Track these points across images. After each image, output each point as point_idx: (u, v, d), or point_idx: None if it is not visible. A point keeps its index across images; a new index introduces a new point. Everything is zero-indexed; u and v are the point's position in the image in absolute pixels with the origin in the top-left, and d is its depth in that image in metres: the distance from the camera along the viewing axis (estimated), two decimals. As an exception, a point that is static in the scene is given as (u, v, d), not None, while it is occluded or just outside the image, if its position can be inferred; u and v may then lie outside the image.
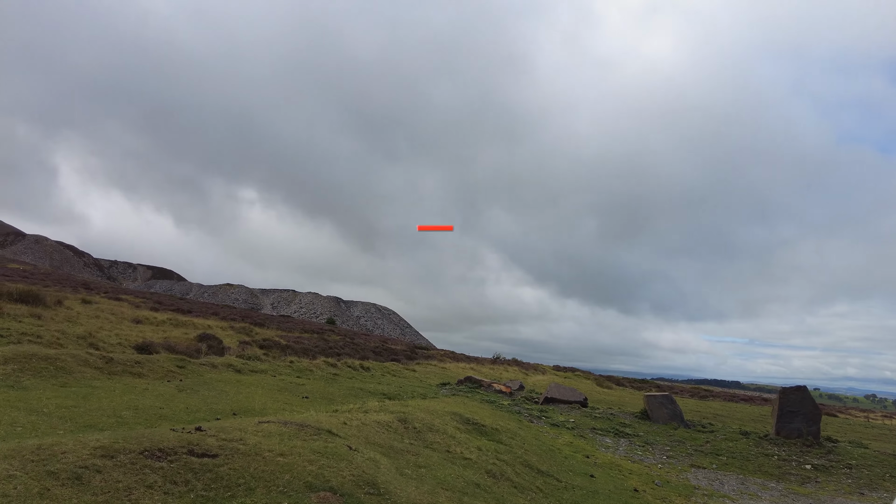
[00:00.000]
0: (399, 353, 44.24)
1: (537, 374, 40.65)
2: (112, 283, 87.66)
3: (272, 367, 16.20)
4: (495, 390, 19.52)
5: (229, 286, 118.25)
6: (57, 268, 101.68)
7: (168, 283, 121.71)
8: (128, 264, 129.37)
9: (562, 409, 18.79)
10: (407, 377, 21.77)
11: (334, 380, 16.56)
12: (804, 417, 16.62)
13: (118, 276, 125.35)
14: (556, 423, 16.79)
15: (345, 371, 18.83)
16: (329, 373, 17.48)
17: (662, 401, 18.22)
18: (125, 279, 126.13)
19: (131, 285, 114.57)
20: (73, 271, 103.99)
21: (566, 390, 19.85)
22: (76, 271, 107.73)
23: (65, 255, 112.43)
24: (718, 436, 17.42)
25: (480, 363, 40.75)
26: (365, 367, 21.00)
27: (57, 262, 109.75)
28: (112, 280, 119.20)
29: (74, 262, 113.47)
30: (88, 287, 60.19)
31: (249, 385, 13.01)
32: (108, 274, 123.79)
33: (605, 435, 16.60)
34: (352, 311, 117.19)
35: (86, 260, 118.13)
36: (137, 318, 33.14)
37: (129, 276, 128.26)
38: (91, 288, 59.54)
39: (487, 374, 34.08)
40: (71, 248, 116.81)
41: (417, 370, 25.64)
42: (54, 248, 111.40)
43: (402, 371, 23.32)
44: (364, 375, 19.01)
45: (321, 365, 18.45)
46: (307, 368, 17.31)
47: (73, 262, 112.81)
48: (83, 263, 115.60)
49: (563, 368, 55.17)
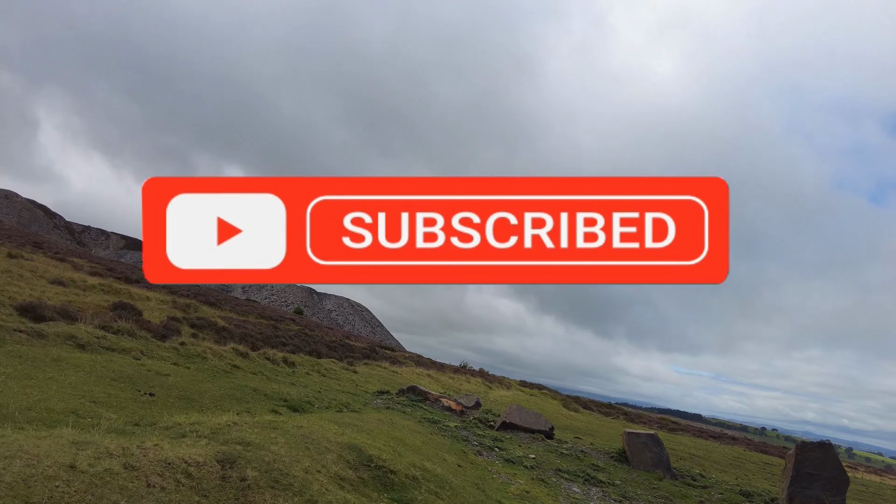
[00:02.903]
0: (357, 350, 39.82)
1: (501, 389, 36.53)
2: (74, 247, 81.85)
3: (146, 346, 11.86)
4: (443, 406, 15.35)
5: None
6: (24, 226, 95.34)
7: (140, 254, 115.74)
8: (101, 231, 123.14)
9: (522, 438, 14.66)
10: (341, 380, 17.51)
11: (228, 374, 12.26)
12: (826, 484, 12.68)
13: (89, 243, 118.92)
14: (512, 459, 12.64)
15: (256, 364, 14.53)
16: (229, 363, 13.17)
17: (647, 441, 14.19)
18: (96, 246, 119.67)
19: (102, 253, 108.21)
20: (40, 232, 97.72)
21: (529, 415, 15.73)
22: (44, 232, 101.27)
23: (34, 215, 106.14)
24: (714, 494, 13.40)
25: (442, 371, 36.54)
26: (289, 361, 16.70)
27: (25, 220, 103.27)
28: (82, 245, 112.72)
29: (44, 222, 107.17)
30: (39, 245, 54.95)
31: (75, 368, 8.70)
32: (79, 239, 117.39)
33: (572, 480, 12.49)
34: (324, 303, 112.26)
35: (56, 222, 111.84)
36: (60, 280, 28.43)
37: (101, 243, 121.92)
38: (41, 246, 54.29)
39: (446, 383, 29.89)
40: (42, 208, 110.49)
41: (360, 372, 21.37)
42: (24, 206, 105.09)
43: (340, 372, 19.04)
44: (280, 372, 14.71)
45: (227, 353, 14.14)
46: (200, 354, 12.99)
47: (43, 223, 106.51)
48: (53, 225, 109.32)
49: (530, 385, 51.18)
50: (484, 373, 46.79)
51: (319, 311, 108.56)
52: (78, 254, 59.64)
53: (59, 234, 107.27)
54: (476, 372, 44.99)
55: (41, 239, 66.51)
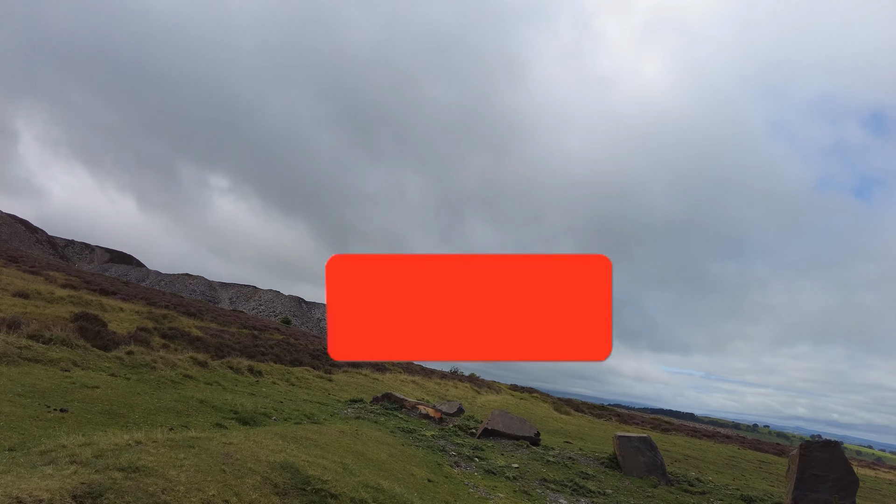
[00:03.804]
0: (341, 358, 38.46)
1: (490, 394, 35.29)
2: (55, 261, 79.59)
3: (82, 357, 10.55)
4: (420, 414, 14.12)
5: (188, 276, 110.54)
6: (4, 242, 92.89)
7: (125, 267, 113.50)
8: (85, 245, 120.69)
9: (505, 446, 13.46)
10: (312, 389, 16.22)
11: (177, 385, 10.97)
12: (833, 485, 11.60)
13: (73, 257, 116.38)
14: (493, 470, 11.44)
15: (215, 374, 13.24)
16: (181, 373, 11.87)
17: (639, 445, 13.05)
18: (81, 260, 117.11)
19: (86, 267, 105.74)
20: (22, 247, 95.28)
21: (513, 420, 14.54)
22: (26, 248, 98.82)
23: (15, 230, 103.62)
24: (714, 500, 12.28)
25: (429, 377, 35.26)
26: (255, 370, 15.39)
27: (6, 235, 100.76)
28: (66, 260, 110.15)
29: (25, 237, 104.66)
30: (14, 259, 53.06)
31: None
32: (63, 254, 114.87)
33: (559, 491, 11.31)
34: (313, 312, 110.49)
35: (39, 236, 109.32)
36: (24, 292, 26.96)
37: (85, 257, 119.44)
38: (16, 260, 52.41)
39: (432, 390, 28.63)
40: (24, 223, 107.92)
41: (337, 380, 20.08)
42: (4, 221, 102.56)
43: (313, 380, 17.74)
44: (241, 382, 13.41)
45: (181, 362, 12.84)
46: (149, 364, 11.68)
47: (24, 238, 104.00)
48: (35, 240, 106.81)
49: (521, 388, 49.94)
50: (473, 378, 45.53)
51: (309, 321, 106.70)
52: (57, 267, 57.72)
53: (42, 249, 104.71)
54: (465, 377, 43.73)
55: (18, 253, 64.47)
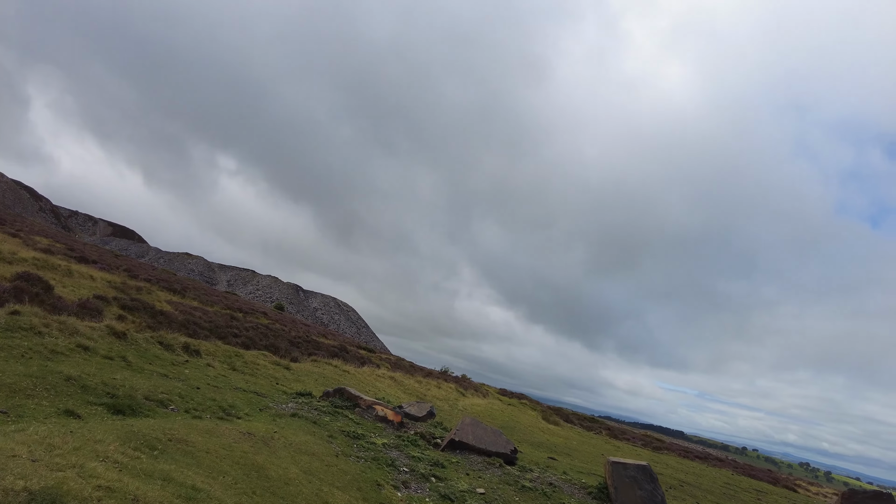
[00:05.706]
0: (324, 348, 35.94)
1: (476, 397, 32.66)
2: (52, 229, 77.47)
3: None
4: (375, 416, 11.57)
5: (188, 256, 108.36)
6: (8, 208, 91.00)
7: (126, 242, 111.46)
8: (88, 217, 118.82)
9: (473, 463, 10.90)
10: (258, 376, 13.71)
11: (56, 356, 8.48)
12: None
13: (76, 228, 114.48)
14: (451, 496, 8.87)
15: (132, 348, 10.74)
16: (75, 343, 9.38)
17: (636, 476, 10.45)
18: (83, 232, 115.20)
19: (88, 239, 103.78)
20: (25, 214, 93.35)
21: (487, 432, 11.96)
22: (29, 215, 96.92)
23: (19, 196, 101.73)
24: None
25: (411, 374, 32.68)
26: (192, 349, 12.89)
27: (9, 201, 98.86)
28: (68, 230, 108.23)
29: (29, 204, 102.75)
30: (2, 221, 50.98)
31: None
32: (65, 224, 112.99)
33: (532, 529, 8.75)
34: (310, 301, 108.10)
35: (43, 205, 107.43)
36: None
37: (87, 229, 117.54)
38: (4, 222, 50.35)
39: (411, 388, 26.08)
40: (28, 190, 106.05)
41: (297, 369, 17.54)
42: (9, 187, 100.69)
43: (266, 367, 15.22)
44: (161, 360, 10.90)
45: (88, 329, 10.36)
46: (34, 328, 9.21)
47: (28, 205, 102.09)
48: (38, 208, 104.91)
49: (510, 394, 47.28)
50: (461, 378, 42.95)
51: (305, 309, 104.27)
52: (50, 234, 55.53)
53: (45, 218, 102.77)
54: (452, 377, 41.14)
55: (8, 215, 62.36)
